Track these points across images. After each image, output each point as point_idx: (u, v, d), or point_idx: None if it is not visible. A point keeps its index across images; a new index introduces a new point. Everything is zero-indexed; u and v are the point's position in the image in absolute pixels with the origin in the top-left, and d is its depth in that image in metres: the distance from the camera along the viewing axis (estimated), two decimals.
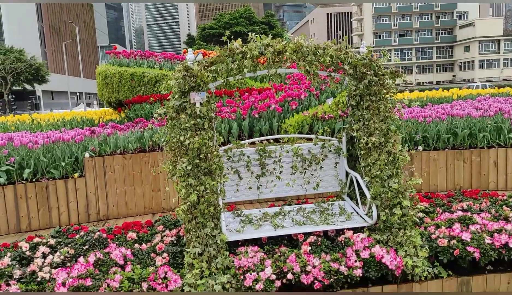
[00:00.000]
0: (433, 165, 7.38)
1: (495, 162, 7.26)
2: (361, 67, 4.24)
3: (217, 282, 3.61)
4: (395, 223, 4.03)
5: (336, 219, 4.37)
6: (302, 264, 3.67)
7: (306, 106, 8.10)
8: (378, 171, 4.16)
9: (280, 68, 4.25)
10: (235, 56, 4.07)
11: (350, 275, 3.67)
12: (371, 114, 4.28)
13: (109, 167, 6.69)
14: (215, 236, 3.81)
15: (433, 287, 3.86)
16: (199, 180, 3.88)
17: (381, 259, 3.71)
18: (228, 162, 4.57)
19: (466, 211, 4.68)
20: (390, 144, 4.23)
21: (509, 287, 3.93)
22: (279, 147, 4.65)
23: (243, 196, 4.63)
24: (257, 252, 3.89)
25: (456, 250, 3.82)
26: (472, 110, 7.89)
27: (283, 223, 4.33)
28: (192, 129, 3.97)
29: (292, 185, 4.66)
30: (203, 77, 3.94)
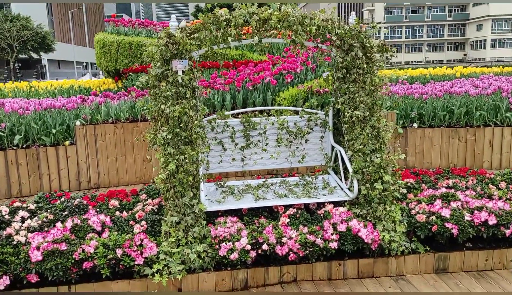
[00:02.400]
0: (427, 143, 7.31)
1: (490, 141, 7.18)
2: (349, 39, 4.14)
3: (192, 251, 3.63)
4: (375, 198, 4.01)
5: (318, 193, 4.35)
6: (278, 236, 3.67)
7: (302, 80, 8.00)
8: (361, 145, 4.11)
9: (266, 37, 4.16)
10: (219, 24, 3.99)
11: (326, 248, 3.67)
12: (357, 87, 4.20)
13: (101, 136, 6.69)
14: (193, 205, 3.81)
15: (409, 262, 3.86)
16: (178, 149, 3.85)
17: (358, 232, 3.71)
18: (212, 132, 4.53)
19: (451, 188, 4.65)
20: (374, 118, 4.17)
21: (487, 264, 3.92)
22: (264, 119, 4.60)
23: (226, 168, 4.62)
24: (236, 223, 3.89)
25: (434, 226, 3.80)
26: (471, 88, 7.76)
27: (265, 195, 4.32)
28: (174, 97, 3.92)
29: (276, 157, 4.63)
30: (186, 45, 3.87)
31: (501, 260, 3.93)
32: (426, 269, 3.89)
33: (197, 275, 3.60)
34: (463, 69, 12.92)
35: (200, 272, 3.62)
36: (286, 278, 3.74)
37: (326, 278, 3.79)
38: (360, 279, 3.81)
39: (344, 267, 3.81)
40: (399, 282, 3.77)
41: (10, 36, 52.58)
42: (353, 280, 3.79)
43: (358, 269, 3.82)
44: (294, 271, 3.75)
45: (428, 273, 3.88)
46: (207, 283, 3.62)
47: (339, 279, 3.80)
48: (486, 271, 3.92)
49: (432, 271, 3.89)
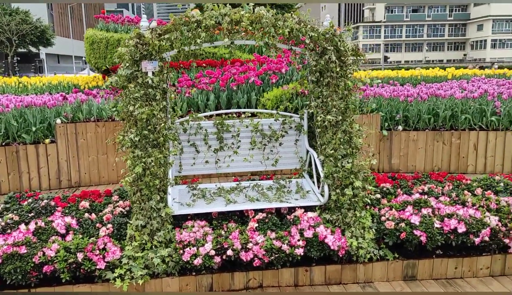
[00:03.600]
0: (412, 146, 7.27)
1: (475, 145, 7.13)
2: (323, 42, 4.10)
3: (157, 255, 3.59)
4: (345, 204, 3.97)
5: (291, 197, 4.31)
6: (244, 241, 3.63)
7: (287, 80, 7.95)
8: (332, 150, 4.07)
9: (238, 39, 4.11)
10: (190, 25, 3.94)
11: (292, 254, 3.63)
12: (330, 91, 4.15)
13: (82, 134, 6.65)
14: (159, 209, 3.77)
15: (377, 269, 3.82)
16: (146, 152, 3.81)
17: (324, 239, 3.67)
18: (185, 134, 4.49)
19: (426, 194, 4.61)
20: (347, 123, 4.13)
21: (456, 272, 3.89)
22: (237, 122, 4.56)
23: (199, 170, 4.58)
24: (203, 227, 3.85)
25: (402, 233, 3.76)
26: (457, 91, 7.71)
27: (237, 198, 4.28)
28: (143, 99, 3.88)
29: (250, 160, 4.59)
30: (155, 46, 3.83)
31: (470, 268, 3.89)
32: (394, 276, 3.85)
33: (161, 280, 3.56)
34: (455, 70, 12.85)
35: (164, 277, 3.58)
36: (251, 284, 3.70)
37: (293, 285, 3.76)
38: (327, 285, 3.77)
39: (311, 274, 3.77)
40: (366, 289, 3.73)
41: (9, 29, 52.42)
42: (320, 287, 3.75)
43: (326, 275, 3.79)
44: (260, 277, 3.71)
45: (396, 280, 3.84)
46: (171, 288, 3.58)
47: (306, 286, 3.76)
48: (455, 279, 3.88)
49: (400, 279, 3.86)
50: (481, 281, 3.84)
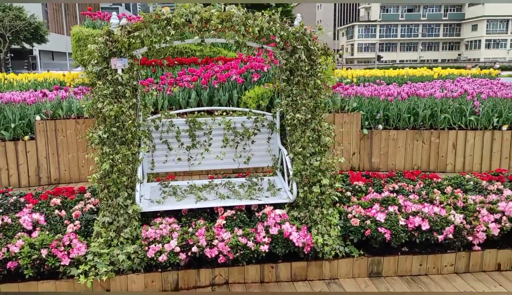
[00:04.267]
0: (392, 145, 7.32)
1: (454, 144, 7.19)
2: (293, 41, 4.13)
3: (123, 252, 3.62)
4: (313, 201, 4.01)
5: (261, 194, 4.34)
6: (209, 238, 3.66)
7: (269, 78, 7.98)
8: (300, 148, 4.10)
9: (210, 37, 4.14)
10: (159, 23, 3.95)
11: (257, 251, 3.67)
12: (300, 90, 4.18)
13: (61, 131, 6.65)
14: (127, 206, 3.79)
15: (343, 265, 3.87)
16: (114, 148, 3.83)
17: (289, 236, 3.70)
18: (157, 132, 4.51)
19: (396, 192, 4.65)
20: (316, 121, 4.16)
21: (421, 269, 3.93)
22: (209, 119, 4.59)
23: (172, 167, 4.60)
24: (171, 224, 3.88)
25: (367, 231, 3.80)
26: (437, 91, 7.77)
27: (208, 196, 4.30)
28: (112, 96, 3.90)
29: (222, 158, 4.62)
30: (124, 43, 3.85)
31: (435, 265, 3.94)
32: (360, 273, 3.89)
33: (126, 276, 3.58)
34: (441, 70, 12.93)
35: (129, 274, 3.60)
36: (217, 281, 3.74)
37: (259, 281, 3.79)
38: (293, 282, 3.81)
39: (277, 270, 3.80)
40: (331, 285, 3.77)
41: (3, 26, 52.10)
42: (286, 283, 3.79)
43: (291, 272, 3.82)
44: (226, 274, 3.74)
45: (362, 277, 3.89)
46: (136, 285, 3.61)
47: (272, 282, 3.80)
48: (420, 276, 3.93)
49: (366, 275, 3.90)
50: (445, 278, 3.89)
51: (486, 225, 3.90)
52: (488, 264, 3.99)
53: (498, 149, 7.12)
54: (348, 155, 7.39)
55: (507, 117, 7.14)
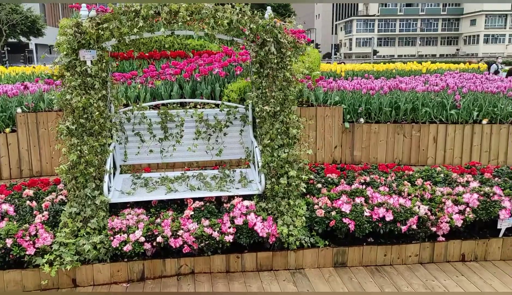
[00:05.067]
0: (373, 138, 7.37)
1: (435, 137, 7.24)
2: (262, 34, 4.15)
3: (89, 242, 3.67)
4: (280, 192, 4.06)
5: (232, 186, 4.39)
6: (175, 228, 3.71)
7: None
8: (268, 140, 4.14)
9: (178, 29, 4.17)
10: (128, 14, 3.98)
11: (222, 241, 3.72)
12: (269, 82, 4.22)
13: (43, 124, 6.68)
14: (95, 197, 3.84)
15: (308, 256, 3.92)
16: (82, 140, 3.87)
17: (254, 226, 3.75)
18: (129, 124, 4.55)
19: (367, 184, 4.69)
20: (285, 113, 4.19)
21: (386, 259, 3.99)
22: (181, 112, 4.62)
23: (144, 159, 4.65)
24: (139, 215, 3.93)
25: (332, 221, 3.85)
26: (419, 84, 7.80)
27: (179, 187, 4.35)
28: (81, 88, 3.93)
29: (194, 150, 4.66)
30: (93, 35, 3.87)
31: (400, 256, 4.00)
32: (325, 263, 3.95)
33: (92, 266, 3.63)
34: (430, 64, 12.94)
35: (96, 263, 3.65)
36: (183, 270, 3.79)
37: (225, 271, 3.85)
38: (258, 272, 3.87)
39: (243, 260, 3.86)
40: (296, 275, 3.83)
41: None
42: (251, 273, 3.84)
43: (257, 262, 3.88)
44: (192, 264, 3.79)
45: (327, 267, 3.95)
46: (102, 274, 3.66)
47: (237, 272, 3.85)
48: (385, 266, 3.98)
49: (331, 265, 3.96)
50: (409, 268, 3.95)
51: (450, 216, 3.96)
52: (452, 255, 4.05)
53: (478, 142, 7.17)
54: (330, 148, 7.44)
55: (487, 111, 7.18)
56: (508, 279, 3.75)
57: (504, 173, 4.95)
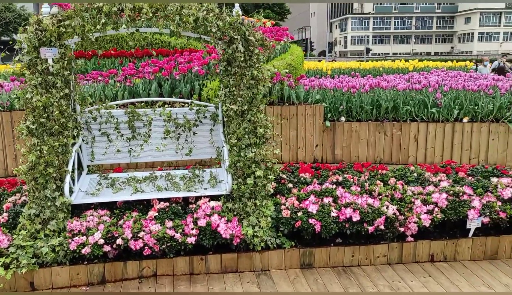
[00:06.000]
0: (355, 137, 7.30)
1: (416, 136, 7.18)
2: (230, 31, 4.07)
3: (48, 244, 3.58)
4: (246, 193, 3.99)
5: (201, 186, 4.31)
6: (136, 230, 3.63)
7: None
8: (236, 139, 4.07)
9: (142, 26, 4.09)
10: (91, 11, 3.89)
11: (184, 243, 3.64)
12: (237, 80, 4.14)
13: (18, 123, 6.57)
14: (55, 198, 3.75)
15: (274, 257, 3.85)
16: (42, 140, 3.78)
17: (217, 227, 3.68)
18: (96, 123, 4.46)
19: (339, 184, 4.62)
20: (253, 112, 4.12)
21: (354, 260, 3.92)
22: (149, 110, 4.54)
23: (112, 159, 4.56)
24: (102, 216, 3.84)
25: (297, 222, 3.78)
26: (401, 83, 7.74)
27: (146, 188, 4.27)
28: (42, 86, 3.85)
29: (162, 150, 4.57)
30: (53, 32, 3.78)
31: (368, 256, 3.94)
32: (291, 264, 3.88)
33: (50, 269, 3.55)
34: (417, 62, 12.89)
35: (55, 266, 3.57)
36: (145, 273, 3.71)
37: (188, 273, 3.77)
38: (223, 274, 3.79)
39: (207, 262, 3.78)
40: (261, 276, 3.76)
41: None
42: (215, 275, 3.77)
43: (222, 264, 3.80)
44: (154, 266, 3.72)
45: (293, 268, 3.88)
46: (61, 278, 3.58)
47: (201, 274, 3.78)
48: (352, 266, 3.92)
49: (298, 266, 3.89)
50: (377, 269, 3.88)
51: (418, 217, 3.89)
52: (421, 255, 3.99)
53: (459, 141, 7.11)
54: (311, 147, 7.37)
55: (468, 109, 7.13)
56: (476, 280, 3.70)
57: (479, 172, 4.90)
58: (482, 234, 4.06)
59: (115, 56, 9.19)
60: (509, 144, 6.97)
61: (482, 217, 3.94)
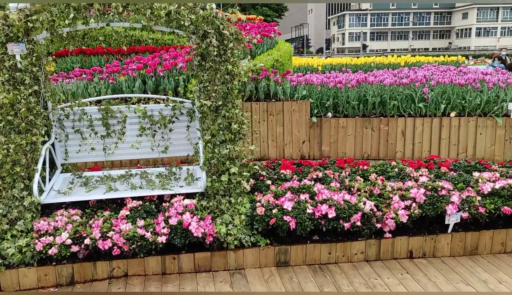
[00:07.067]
0: (342, 132, 7.20)
1: (403, 131, 7.09)
2: (203, 25, 3.98)
3: (16, 245, 3.49)
4: (220, 190, 3.90)
5: (176, 184, 4.22)
6: (105, 229, 3.54)
7: None
8: (210, 135, 3.98)
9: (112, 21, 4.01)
10: (59, 6, 3.80)
11: (155, 242, 3.55)
12: (211, 75, 4.05)
13: None
14: (23, 197, 3.66)
15: (249, 255, 3.77)
16: (9, 138, 3.69)
17: (188, 226, 3.59)
18: (68, 121, 4.37)
19: (319, 180, 4.54)
20: (227, 108, 4.03)
21: (330, 257, 3.84)
22: (123, 107, 4.44)
23: (86, 157, 4.47)
24: (72, 216, 3.75)
25: (272, 219, 3.69)
26: (388, 77, 7.65)
27: (120, 186, 4.18)
28: (10, 83, 3.76)
29: (138, 147, 4.48)
30: (20, 27, 3.69)
31: (345, 253, 3.85)
32: (267, 263, 3.80)
33: (17, 270, 3.46)
34: (409, 57, 12.79)
35: (22, 267, 3.48)
36: (116, 273, 3.62)
37: (160, 273, 3.69)
38: (196, 273, 3.71)
39: (179, 261, 3.70)
40: (235, 276, 3.67)
41: None
42: (188, 275, 3.69)
43: (195, 263, 3.72)
44: (125, 266, 3.63)
45: (269, 267, 3.79)
46: (28, 279, 3.49)
47: (174, 274, 3.70)
48: (329, 264, 3.84)
49: (273, 265, 3.81)
50: (354, 266, 3.80)
51: (396, 212, 3.81)
52: (399, 252, 3.91)
53: (447, 135, 7.02)
54: (298, 143, 7.27)
55: (455, 103, 7.04)
56: (454, 276, 3.62)
57: (461, 166, 4.81)
58: (462, 229, 3.98)
59: (101, 53, 9.10)
60: (496, 138, 6.88)
61: (461, 212, 3.85)
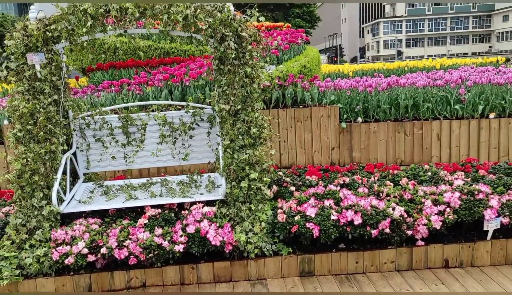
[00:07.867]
0: (373, 138, 6.93)
1: (438, 135, 6.74)
2: (221, 28, 3.88)
3: (34, 254, 3.46)
4: (240, 197, 3.75)
5: (197, 192, 4.11)
6: (122, 238, 3.45)
7: None
8: (229, 141, 3.85)
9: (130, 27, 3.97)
10: (77, 14, 3.80)
11: (172, 251, 3.43)
12: (230, 79, 3.94)
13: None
14: (42, 207, 3.64)
15: (271, 265, 3.58)
16: (29, 147, 3.69)
17: (206, 234, 3.45)
18: (90, 130, 4.35)
19: (346, 185, 4.32)
20: (246, 112, 3.89)
21: (358, 266, 3.60)
22: (143, 115, 4.39)
23: (107, 166, 4.43)
24: (91, 225, 3.70)
25: (294, 226, 3.50)
26: (420, 80, 7.32)
27: (140, 195, 4.10)
28: (30, 93, 3.77)
29: (158, 155, 4.41)
30: (39, 37, 3.71)
31: (373, 263, 3.60)
32: (289, 272, 3.60)
33: (35, 280, 3.42)
34: (445, 60, 12.30)
35: (40, 277, 3.44)
36: (133, 283, 3.52)
37: (179, 283, 3.56)
38: (215, 283, 3.56)
39: (198, 271, 3.56)
40: (256, 286, 3.50)
41: None
42: (208, 285, 3.54)
43: (214, 273, 3.57)
44: (143, 276, 3.53)
45: (292, 277, 3.60)
46: (46, 289, 3.44)
47: (193, 284, 3.56)
48: (356, 274, 3.60)
49: (296, 274, 3.60)
50: (384, 276, 3.55)
51: (428, 218, 3.54)
52: (433, 261, 3.62)
53: (486, 138, 6.62)
54: (327, 150, 7.04)
55: (494, 104, 6.63)
56: (495, 286, 3.30)
57: (501, 169, 4.47)
58: (503, 236, 3.65)
59: (130, 66, 9.21)
60: None
61: (501, 218, 3.53)
